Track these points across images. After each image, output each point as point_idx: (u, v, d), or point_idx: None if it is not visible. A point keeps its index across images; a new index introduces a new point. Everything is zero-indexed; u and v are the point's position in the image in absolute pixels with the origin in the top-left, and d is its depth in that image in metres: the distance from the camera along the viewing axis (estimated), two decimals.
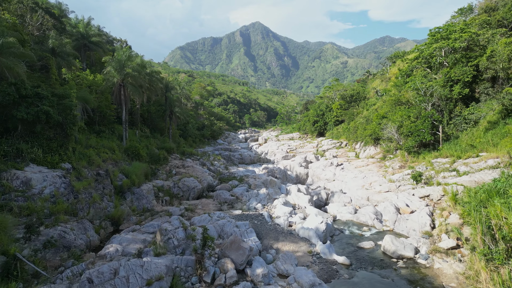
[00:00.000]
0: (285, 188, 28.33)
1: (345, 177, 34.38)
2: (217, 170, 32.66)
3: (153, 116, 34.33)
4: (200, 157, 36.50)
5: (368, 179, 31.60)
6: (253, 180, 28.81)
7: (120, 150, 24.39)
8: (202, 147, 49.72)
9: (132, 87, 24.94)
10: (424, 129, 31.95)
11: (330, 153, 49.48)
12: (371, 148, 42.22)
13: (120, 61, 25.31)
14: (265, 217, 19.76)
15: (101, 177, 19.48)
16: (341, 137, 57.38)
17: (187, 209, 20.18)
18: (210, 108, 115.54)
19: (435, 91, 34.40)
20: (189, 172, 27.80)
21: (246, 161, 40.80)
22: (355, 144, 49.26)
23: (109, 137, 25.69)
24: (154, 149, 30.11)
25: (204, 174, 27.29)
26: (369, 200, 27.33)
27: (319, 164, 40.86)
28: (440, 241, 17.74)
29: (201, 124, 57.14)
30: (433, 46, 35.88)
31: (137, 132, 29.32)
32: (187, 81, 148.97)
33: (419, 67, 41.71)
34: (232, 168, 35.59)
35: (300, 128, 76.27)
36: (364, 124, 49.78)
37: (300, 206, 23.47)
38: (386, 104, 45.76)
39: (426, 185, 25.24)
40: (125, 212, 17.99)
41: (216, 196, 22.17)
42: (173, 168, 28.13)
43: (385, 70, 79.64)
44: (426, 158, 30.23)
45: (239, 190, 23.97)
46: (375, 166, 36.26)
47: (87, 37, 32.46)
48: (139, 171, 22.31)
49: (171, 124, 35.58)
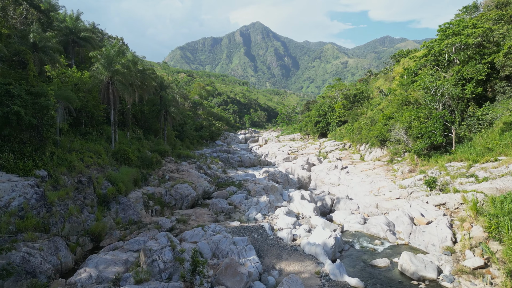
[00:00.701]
0: (288, 195, 26.27)
1: (351, 182, 32.33)
2: (214, 174, 30.61)
3: (146, 116, 32.32)
4: (197, 160, 34.44)
5: (376, 184, 29.54)
6: (253, 186, 26.74)
7: (108, 154, 22.32)
8: (199, 148, 47.65)
9: (122, 85, 22.89)
10: (436, 131, 29.87)
11: (334, 155, 47.41)
12: (377, 150, 40.16)
13: (109, 57, 23.28)
14: (266, 229, 17.69)
15: (83, 185, 17.44)
16: (344, 138, 55.31)
17: (179, 221, 18.12)
18: (210, 108, 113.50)
19: (446, 90, 32.34)
20: (184, 177, 25.73)
21: (246, 164, 38.76)
22: (360, 146, 47.19)
23: (97, 140, 23.63)
24: (147, 152, 28.05)
25: (199, 179, 25.22)
26: (378, 208, 25.27)
27: (323, 167, 38.80)
28: (464, 258, 15.70)
29: (199, 124, 55.04)
30: (444, 42, 33.81)
31: (128, 133, 27.27)
32: (187, 81, 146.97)
33: (427, 65, 39.66)
34: (230, 171, 33.55)
35: (302, 128, 74.20)
36: (369, 125, 47.73)
37: (304, 215, 21.40)
38: (392, 104, 43.71)
39: (442, 192, 23.17)
40: (108, 225, 15.92)
41: (212, 205, 20.11)
42: (166, 172, 26.07)
43: (388, 69, 77.60)
44: (439, 162, 28.14)
45: (237, 197, 21.91)
46: (382, 169, 34.20)
47: (76, 32, 30.38)
48: (127, 177, 20.25)
49: (166, 125, 33.47)
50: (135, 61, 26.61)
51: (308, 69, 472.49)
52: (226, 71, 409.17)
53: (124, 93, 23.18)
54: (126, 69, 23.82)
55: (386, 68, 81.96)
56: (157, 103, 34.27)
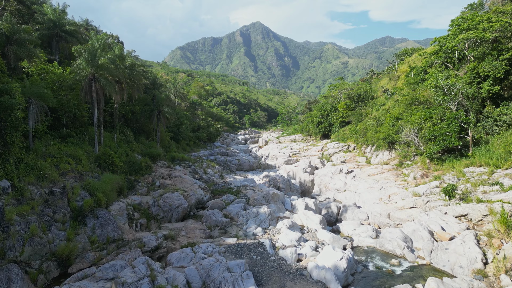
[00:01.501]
0: (290, 203, 23.90)
1: (358, 188, 29.96)
2: (210, 179, 28.25)
3: (138, 117, 29.96)
4: (192, 163, 32.07)
5: (386, 190, 27.17)
6: (252, 193, 24.37)
7: (90, 159, 19.96)
8: (196, 150, 45.26)
9: (107, 82, 20.53)
10: (451, 133, 27.49)
11: (337, 158, 45.04)
12: (385, 153, 37.78)
13: (92, 51, 20.93)
14: (267, 247, 15.32)
15: (55, 196, 15.08)
16: (348, 140, 52.96)
17: (167, 237, 15.76)
18: (209, 108, 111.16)
19: (461, 88, 30.00)
20: (176, 183, 23.36)
21: (245, 167, 36.40)
22: (365, 148, 44.82)
23: (78, 143, 21.27)
24: (136, 156, 25.69)
25: (193, 186, 22.86)
26: (390, 218, 22.90)
27: (327, 170, 36.42)
28: (500, 285, 13.37)
29: (197, 125, 52.65)
30: (459, 37, 31.43)
31: (115, 136, 24.91)
32: (186, 80, 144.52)
33: (438, 62, 37.30)
34: (228, 176, 31.18)
35: (303, 129, 71.81)
36: (375, 125, 45.36)
37: (309, 228, 19.03)
38: (400, 104, 41.35)
39: (463, 202, 20.79)
40: (80, 246, 13.54)
41: (206, 218, 17.74)
42: (157, 178, 23.71)
43: (392, 68, 75.21)
44: (456, 167, 25.75)
45: (234, 208, 19.55)
46: (391, 174, 31.83)
47: (60, 25, 28.02)
48: (109, 185, 17.89)
49: (158, 126, 31.09)
50: (122, 56, 24.27)
51: (308, 69, 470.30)
52: (226, 71, 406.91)
53: (110, 91, 20.81)
54: (112, 65, 21.48)
55: (390, 67, 79.60)
56: (149, 103, 31.90)
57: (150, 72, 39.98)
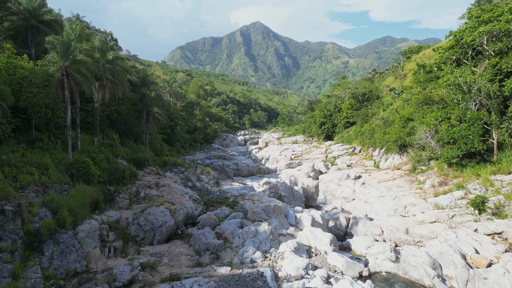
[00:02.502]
0: (294, 216, 20.98)
1: (369, 196, 27.04)
2: (204, 187, 25.35)
3: (124, 117, 27.10)
4: (186, 169, 29.16)
5: (401, 200, 24.24)
6: (251, 204, 21.45)
7: (60, 168, 17.05)
8: (192, 153, 42.34)
9: (82, 78, 17.64)
10: (473, 135, 24.58)
11: (343, 161, 42.12)
12: (395, 156, 34.84)
13: (65, 42, 18.06)
14: (268, 279, 12.41)
15: (5, 217, 12.20)
16: (354, 142, 50.01)
17: (145, 266, 12.87)
18: (208, 108, 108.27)
19: (482, 86, 27.09)
20: (164, 194, 20.44)
21: (243, 173, 33.47)
22: (373, 151, 41.88)
23: (49, 149, 18.37)
24: (121, 162, 22.77)
25: (183, 197, 19.95)
26: (409, 234, 19.99)
27: (332, 176, 33.47)
28: None
29: (193, 126, 49.70)
30: (479, 30, 28.50)
31: (95, 139, 22.00)
32: (185, 80, 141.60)
33: (453, 57, 34.36)
34: (225, 183, 28.27)
35: (305, 130, 68.86)
36: (382, 127, 42.45)
37: (318, 250, 16.12)
38: (410, 103, 38.45)
39: (496, 217, 17.91)
40: (28, 284, 10.61)
41: (195, 239, 14.82)
42: (142, 188, 20.79)
43: (398, 67, 72.31)
44: (481, 174, 22.80)
45: (229, 225, 16.64)
46: (404, 180, 28.90)
47: (36, 15, 25.12)
48: (80, 200, 14.97)
49: (147, 127, 28.12)
50: (103, 49, 21.38)
51: (308, 69, 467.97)
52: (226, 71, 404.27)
53: (86, 88, 17.90)
54: (88, 58, 18.61)
55: (395, 66, 76.68)
56: (138, 102, 28.97)
57: (142, 70, 37.00)
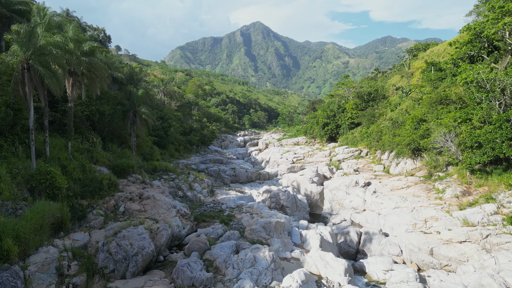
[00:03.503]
0: (299, 233, 18.05)
1: (382, 207, 24.09)
2: (196, 197, 22.41)
3: (108, 119, 24.08)
4: (177, 175, 26.25)
5: (419, 213, 21.29)
6: (249, 219, 18.52)
7: (17, 180, 14.13)
8: (187, 157, 39.39)
9: (45, 71, 14.72)
10: (501, 139, 21.65)
11: (349, 165, 39.20)
12: (408, 161, 31.90)
13: (28, 30, 15.16)
14: None
15: None
16: (359, 144, 47.09)
17: None
18: (207, 108, 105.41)
19: (507, 85, 24.18)
20: (147, 208, 17.50)
21: (241, 179, 30.52)
22: (381, 154, 38.96)
23: (9, 156, 15.47)
24: (100, 170, 19.82)
25: (169, 213, 17.03)
26: (433, 255, 17.05)
27: (339, 182, 30.52)
28: None
29: (188, 127, 46.75)
30: (503, 21, 25.61)
31: (69, 144, 19.04)
32: (184, 80, 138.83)
33: (472, 53, 31.44)
34: (220, 191, 25.31)
35: (307, 131, 65.91)
36: (391, 128, 39.54)
37: (330, 281, 13.19)
38: (422, 103, 35.52)
39: None
40: None
41: (177, 272, 11.82)
42: (122, 201, 17.87)
43: (403, 65, 69.40)
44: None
45: (222, 250, 13.69)
46: (420, 189, 25.96)
47: (7, 4, 22.19)
48: (35, 222, 12.04)
49: (133, 130, 25.11)
50: (79, 40, 18.45)
51: (309, 69, 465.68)
52: (227, 71, 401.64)
53: (50, 84, 14.95)
54: (57, 49, 15.72)
55: (401, 64, 73.78)
56: (124, 102, 25.95)
57: (128, 66, 33.89)
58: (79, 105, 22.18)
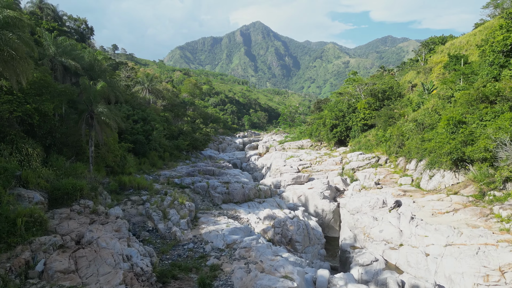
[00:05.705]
0: None
1: (427, 242, 17.57)
2: (171, 233, 15.93)
3: (54, 121, 17.67)
4: (150, 195, 19.85)
5: (488, 257, 14.79)
6: (243, 275, 12.09)
7: None
8: (173, 165, 32.90)
9: None
10: None
11: (366, 176, 32.75)
12: (445, 173, 25.40)
13: None
14: None
15: None
16: (375, 149, 40.69)
17: None
18: (204, 108, 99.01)
19: None
20: (81, 266, 11.04)
21: (236, 197, 23.88)
22: (406, 163, 32.47)
23: None
24: (28, 197, 13.44)
25: (114, 274, 10.54)
26: None
27: (360, 202, 24.00)
28: None
29: (177, 130, 40.22)
30: None
31: None
32: (182, 79, 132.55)
33: None
34: (206, 219, 18.85)
35: (312, 133, 59.50)
36: (416, 131, 33.15)
37: None
38: (458, 102, 29.13)
39: None
40: None
41: None
42: (45, 251, 11.49)
43: (419, 60, 62.92)
44: None
45: None
46: (473, 213, 19.47)
47: None
48: None
49: (91, 136, 18.64)
50: None
51: (309, 69, 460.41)
52: (226, 71, 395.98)
53: None
54: None
55: (415, 59, 67.30)
56: (77, 99, 19.49)
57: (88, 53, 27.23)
58: (6, 102, 15.72)
